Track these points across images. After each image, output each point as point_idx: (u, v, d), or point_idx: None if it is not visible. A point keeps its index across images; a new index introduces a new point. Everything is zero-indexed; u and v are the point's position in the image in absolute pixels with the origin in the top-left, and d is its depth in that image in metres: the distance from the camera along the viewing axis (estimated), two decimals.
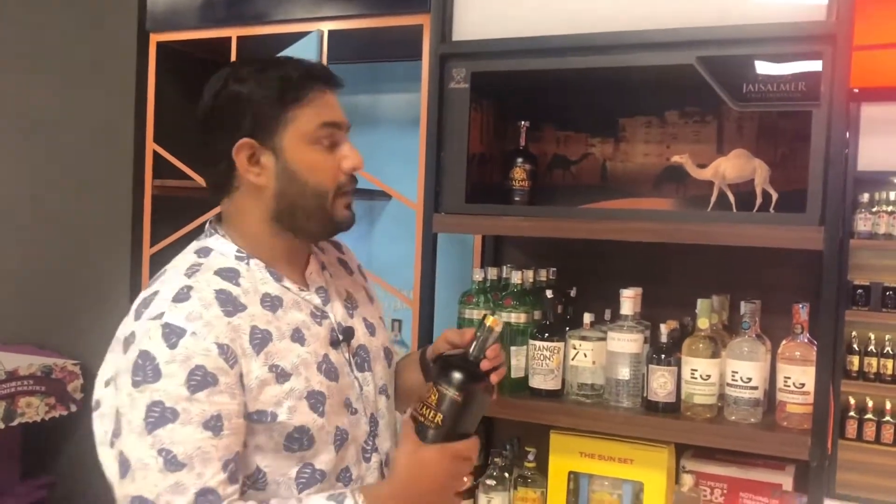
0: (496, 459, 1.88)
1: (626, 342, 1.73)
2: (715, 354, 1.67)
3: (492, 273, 1.92)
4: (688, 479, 1.70)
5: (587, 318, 1.81)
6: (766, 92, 1.63)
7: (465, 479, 1.21)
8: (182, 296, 1.05)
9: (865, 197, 3.89)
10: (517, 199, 1.91)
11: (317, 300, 1.20)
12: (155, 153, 2.44)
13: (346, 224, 1.18)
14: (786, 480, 1.70)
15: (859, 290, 4.43)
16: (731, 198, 1.70)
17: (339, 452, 1.14)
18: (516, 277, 1.85)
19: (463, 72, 1.83)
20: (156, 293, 1.07)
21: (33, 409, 2.42)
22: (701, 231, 1.64)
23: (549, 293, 1.83)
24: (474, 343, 1.24)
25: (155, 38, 2.43)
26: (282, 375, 1.08)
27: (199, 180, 2.39)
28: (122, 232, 2.52)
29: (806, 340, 1.63)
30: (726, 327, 1.82)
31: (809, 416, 1.58)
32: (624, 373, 1.74)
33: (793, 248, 1.57)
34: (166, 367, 0.98)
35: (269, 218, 1.14)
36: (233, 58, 2.34)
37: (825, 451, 1.52)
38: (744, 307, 1.67)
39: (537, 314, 1.87)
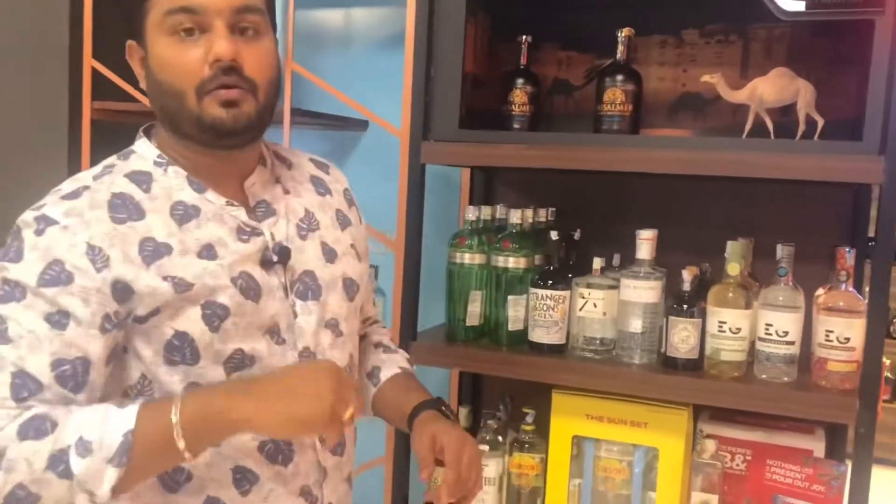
0: (489, 422, 1.66)
1: (642, 290, 1.51)
2: (748, 305, 1.46)
3: (485, 213, 1.67)
4: (709, 445, 1.51)
5: (597, 262, 1.59)
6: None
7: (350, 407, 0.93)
8: (74, 194, 0.98)
9: None
10: (517, 126, 1.69)
11: (244, 216, 1.05)
12: (94, 71, 2.12)
13: (222, 125, 0.98)
14: (816, 446, 1.52)
15: None
16: (770, 124, 1.47)
17: (233, 377, 1.00)
18: (515, 217, 1.62)
19: None
20: (58, 190, 1.00)
21: None
22: (735, 161, 1.41)
23: (554, 234, 1.60)
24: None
25: None
26: (180, 285, 0.97)
27: (145, 101, 2.09)
28: (57, 162, 2.18)
29: (850, 290, 1.43)
30: (751, 275, 1.61)
31: (851, 376, 1.40)
32: (637, 325, 1.52)
33: (846, 181, 1.35)
34: (28, 253, 0.93)
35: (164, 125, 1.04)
36: None
37: (875, 415, 1.33)
38: (780, 250, 1.46)
39: (538, 259, 1.64)
